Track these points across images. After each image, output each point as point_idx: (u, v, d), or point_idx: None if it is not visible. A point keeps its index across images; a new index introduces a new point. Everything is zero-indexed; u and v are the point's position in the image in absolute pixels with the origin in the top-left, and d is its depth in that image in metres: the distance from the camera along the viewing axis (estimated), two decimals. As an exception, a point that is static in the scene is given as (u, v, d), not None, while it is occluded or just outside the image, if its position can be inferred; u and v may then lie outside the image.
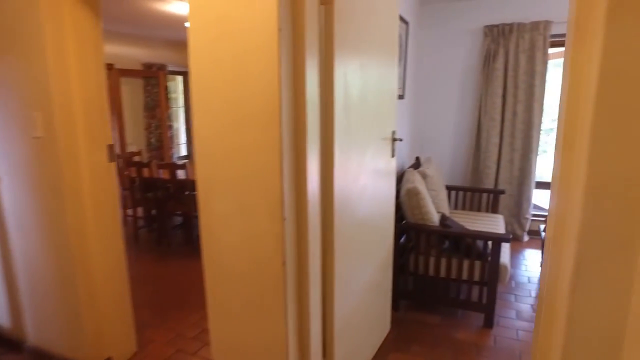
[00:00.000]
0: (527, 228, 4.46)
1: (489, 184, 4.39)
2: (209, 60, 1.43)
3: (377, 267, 2.33)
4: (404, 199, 2.75)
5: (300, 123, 1.45)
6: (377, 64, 2.04)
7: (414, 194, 2.69)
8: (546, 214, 4.71)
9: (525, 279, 3.55)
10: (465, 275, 2.73)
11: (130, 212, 4.73)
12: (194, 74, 1.47)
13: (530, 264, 3.88)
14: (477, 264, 2.69)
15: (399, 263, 2.84)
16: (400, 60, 3.56)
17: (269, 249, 1.47)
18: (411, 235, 2.86)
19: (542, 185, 4.56)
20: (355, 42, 1.73)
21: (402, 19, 3.51)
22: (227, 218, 1.53)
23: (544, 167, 4.66)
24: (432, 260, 2.79)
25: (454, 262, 2.74)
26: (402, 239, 2.90)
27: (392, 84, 2.30)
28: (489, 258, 2.63)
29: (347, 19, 1.62)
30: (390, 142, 2.27)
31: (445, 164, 4.65)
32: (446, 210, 3.53)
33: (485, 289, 2.68)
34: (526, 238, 4.49)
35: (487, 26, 4.18)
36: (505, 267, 2.65)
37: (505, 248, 2.92)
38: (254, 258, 1.52)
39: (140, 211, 4.78)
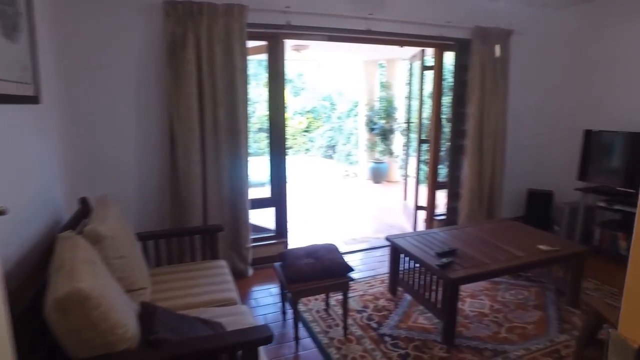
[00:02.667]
0: (250, 259, 3.64)
1: (196, 214, 3.28)
2: None
3: None
4: (51, 317, 1.26)
5: None
6: None
7: (76, 302, 1.25)
8: (269, 234, 4.08)
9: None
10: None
11: None
12: None
13: (269, 309, 3.04)
14: (222, 388, 1.52)
15: None
16: (16, 30, 1.90)
17: None
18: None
19: (257, 203, 3.84)
20: None
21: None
22: None
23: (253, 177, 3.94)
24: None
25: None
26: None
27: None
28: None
29: None
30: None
31: (130, 200, 3.22)
32: (145, 277, 2.19)
33: None
34: (251, 272, 3.66)
35: (167, 2, 3.01)
36: (267, 378, 1.61)
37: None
38: None
39: None
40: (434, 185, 4.60)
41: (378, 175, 7.88)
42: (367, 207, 6.29)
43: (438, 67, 4.32)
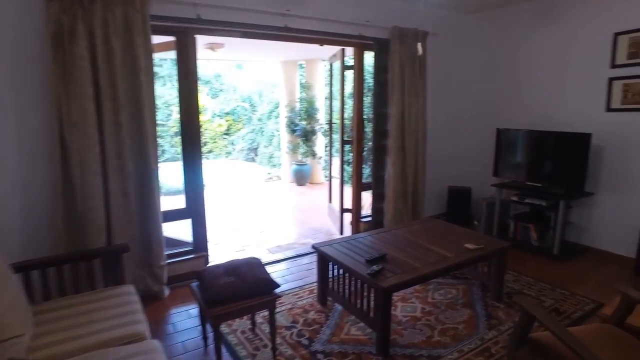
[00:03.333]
0: (165, 279, 3.26)
1: (97, 233, 2.83)
2: None
3: None
4: None
5: None
6: None
7: None
8: (186, 248, 3.64)
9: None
10: None
11: None
12: None
13: (189, 334, 2.70)
14: None
15: None
16: None
17: None
18: None
19: (172, 215, 3.46)
20: None
21: None
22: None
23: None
24: None
25: None
26: None
27: None
28: None
29: None
30: None
31: (12, 224, 2.67)
32: (22, 320, 1.79)
33: None
34: (167, 292, 3.29)
35: (48, -14, 2.56)
36: None
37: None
38: None
39: None
40: (359, 187, 4.53)
41: (301, 178, 7.74)
42: (292, 210, 6.11)
43: (358, 67, 4.25)
